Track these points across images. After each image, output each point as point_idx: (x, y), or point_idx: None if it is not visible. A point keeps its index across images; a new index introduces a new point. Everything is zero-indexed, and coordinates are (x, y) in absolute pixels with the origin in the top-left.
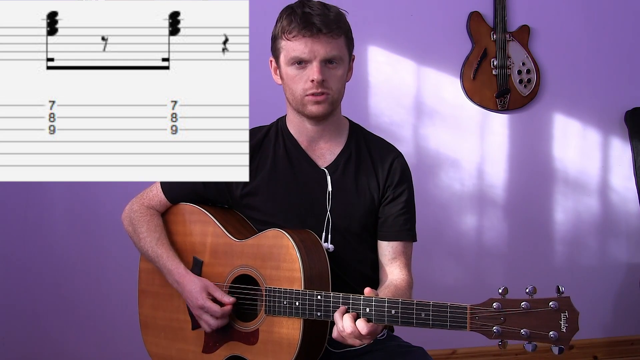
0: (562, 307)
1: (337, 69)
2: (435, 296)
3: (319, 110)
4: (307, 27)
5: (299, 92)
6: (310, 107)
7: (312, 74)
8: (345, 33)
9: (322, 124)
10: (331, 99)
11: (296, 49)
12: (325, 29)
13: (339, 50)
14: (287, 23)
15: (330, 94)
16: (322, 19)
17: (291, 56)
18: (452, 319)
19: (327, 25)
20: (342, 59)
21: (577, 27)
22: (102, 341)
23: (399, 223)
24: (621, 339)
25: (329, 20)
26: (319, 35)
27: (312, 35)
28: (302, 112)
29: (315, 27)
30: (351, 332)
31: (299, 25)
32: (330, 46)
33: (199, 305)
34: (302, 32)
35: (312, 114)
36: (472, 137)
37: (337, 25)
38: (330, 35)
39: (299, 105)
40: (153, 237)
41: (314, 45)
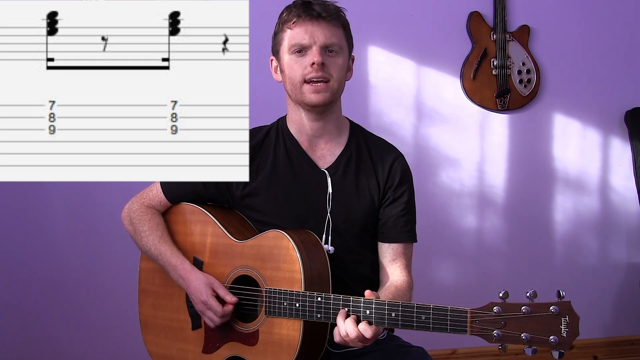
0: (563, 312)
1: (336, 57)
2: (435, 296)
3: (319, 99)
4: (307, 12)
5: (298, 79)
6: (309, 96)
7: (312, 58)
8: (344, 26)
9: (322, 120)
10: (331, 87)
11: (296, 35)
12: (324, 13)
13: (338, 39)
14: (288, 13)
15: (330, 80)
16: (321, 6)
17: (291, 43)
18: (452, 323)
19: (326, 10)
20: (342, 48)
21: (577, 27)
22: (102, 341)
23: (399, 224)
24: (621, 339)
25: (328, 8)
26: (319, 20)
27: (312, 20)
28: (302, 102)
29: (315, 12)
30: (355, 336)
31: (299, 11)
32: (330, 33)
33: (203, 301)
34: (302, 17)
35: (312, 102)
36: (472, 137)
37: (336, 15)
38: (329, 21)
39: (298, 94)
40: (155, 234)
41: (314, 30)
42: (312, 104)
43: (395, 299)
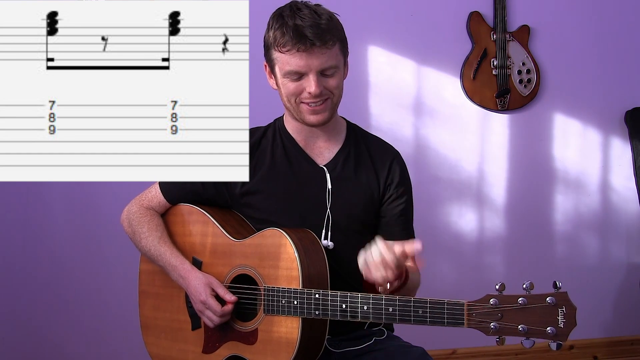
0: (560, 302)
1: (333, 76)
2: (435, 296)
3: (318, 119)
4: (301, 41)
5: (294, 99)
6: (308, 116)
7: (309, 87)
8: (339, 39)
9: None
10: (331, 104)
11: (291, 62)
12: (318, 41)
13: (334, 60)
14: (280, 35)
15: (329, 98)
16: (314, 31)
17: (286, 70)
18: (450, 316)
19: (320, 37)
20: (338, 66)
21: (577, 27)
22: (103, 342)
23: (399, 224)
24: (621, 339)
25: (321, 31)
26: (313, 48)
27: (307, 49)
28: (302, 120)
29: (309, 41)
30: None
31: (291, 39)
32: (325, 57)
33: (202, 301)
34: (295, 47)
35: (311, 123)
36: (472, 137)
37: (330, 34)
38: (324, 47)
39: (295, 112)
40: (155, 235)
41: (308, 59)
42: (311, 124)
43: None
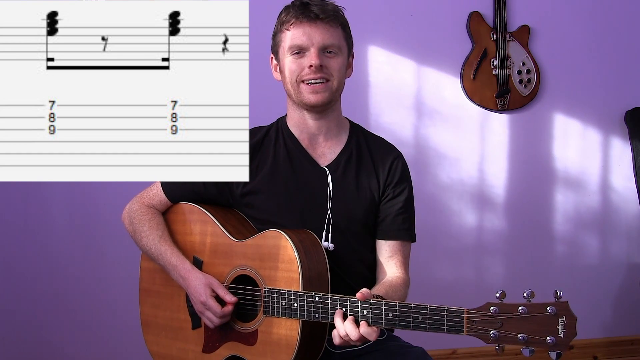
0: (560, 312)
1: (335, 57)
2: (435, 296)
3: (317, 99)
4: (305, 13)
5: (296, 79)
6: (307, 96)
7: (309, 60)
8: (343, 25)
9: (323, 119)
10: (331, 87)
11: (294, 37)
12: (322, 14)
13: (336, 39)
14: (286, 14)
15: (330, 80)
16: (319, 7)
17: (289, 45)
18: (449, 323)
19: (324, 11)
20: (340, 49)
21: (577, 27)
22: (103, 340)
23: (397, 222)
24: (621, 339)
25: (326, 9)
26: (317, 21)
27: (310, 21)
28: (301, 102)
29: (313, 13)
30: (357, 338)
31: (297, 12)
32: (328, 34)
33: (202, 301)
34: (299, 19)
35: (310, 103)
36: (472, 137)
37: (334, 14)
38: (327, 22)
39: (296, 94)
40: (156, 234)
41: (311, 31)
42: (310, 104)
43: (388, 294)
